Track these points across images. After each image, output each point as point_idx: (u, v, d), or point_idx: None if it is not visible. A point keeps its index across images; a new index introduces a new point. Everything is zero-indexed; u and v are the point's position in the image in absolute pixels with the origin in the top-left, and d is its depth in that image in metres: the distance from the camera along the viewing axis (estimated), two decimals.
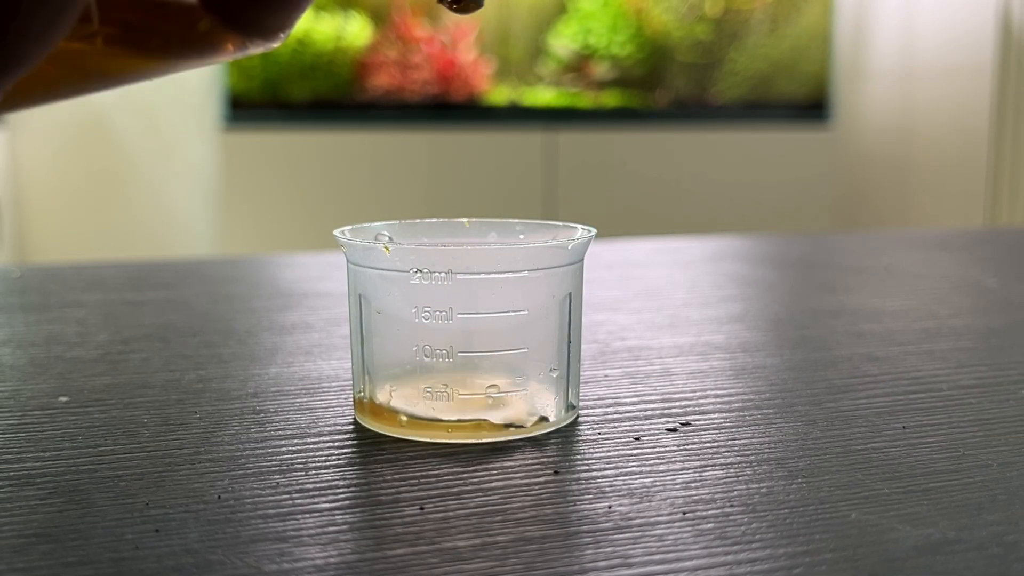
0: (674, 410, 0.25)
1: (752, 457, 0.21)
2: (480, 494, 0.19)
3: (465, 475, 0.20)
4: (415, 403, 0.22)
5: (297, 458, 0.21)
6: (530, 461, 0.21)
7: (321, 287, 0.43)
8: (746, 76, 1.88)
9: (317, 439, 0.23)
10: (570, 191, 1.73)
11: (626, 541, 0.17)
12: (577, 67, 1.79)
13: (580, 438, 0.23)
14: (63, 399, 0.26)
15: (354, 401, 0.24)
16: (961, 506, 0.19)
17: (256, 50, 0.13)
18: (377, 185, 1.61)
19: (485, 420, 0.22)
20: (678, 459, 0.21)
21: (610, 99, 1.82)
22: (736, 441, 0.22)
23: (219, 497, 0.19)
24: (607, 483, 0.20)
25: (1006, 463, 0.21)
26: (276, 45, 0.14)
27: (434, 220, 0.26)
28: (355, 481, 0.20)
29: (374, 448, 0.22)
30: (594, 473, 0.20)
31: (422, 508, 0.18)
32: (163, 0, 0.13)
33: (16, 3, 0.10)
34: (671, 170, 1.80)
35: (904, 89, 1.76)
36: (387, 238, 0.25)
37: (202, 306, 0.39)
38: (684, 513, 0.18)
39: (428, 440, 0.22)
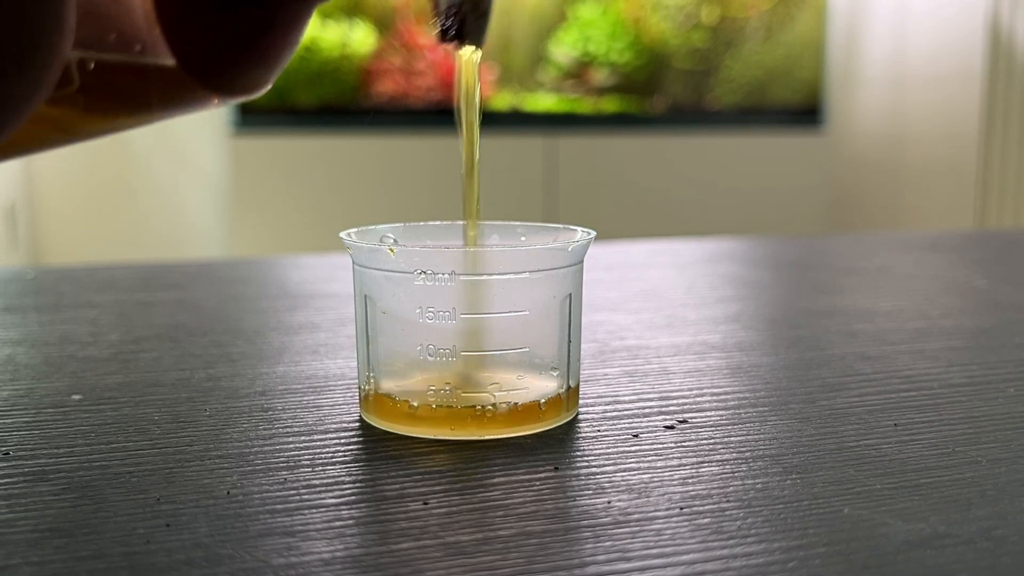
0: (671, 408, 0.25)
1: (748, 454, 0.22)
2: (482, 490, 0.19)
3: (468, 471, 0.20)
4: (419, 401, 0.22)
5: (304, 455, 0.22)
6: (531, 457, 0.21)
7: (327, 288, 0.43)
8: (741, 82, 1.89)
9: (324, 436, 0.23)
10: (570, 194, 1.74)
11: (625, 535, 0.17)
12: (577, 74, 1.80)
13: (580, 435, 0.23)
14: (76, 397, 0.26)
15: (360, 399, 0.25)
16: (951, 501, 0.19)
17: (239, 100, 0.14)
18: (382, 188, 1.62)
19: (487, 417, 0.22)
20: (675, 456, 0.22)
21: (609, 105, 1.83)
22: (732, 438, 0.23)
23: (228, 493, 0.19)
24: (606, 479, 0.20)
25: (995, 459, 0.21)
26: (258, 95, 0.14)
27: (438, 223, 0.26)
28: (360, 477, 0.20)
29: (379, 445, 0.22)
30: (593, 469, 0.21)
31: (426, 503, 0.19)
32: (142, 64, 0.13)
33: None
34: (669, 174, 1.80)
35: (896, 95, 1.77)
36: (392, 240, 0.25)
37: (211, 306, 0.40)
38: (681, 508, 0.19)
39: (432, 437, 0.22)
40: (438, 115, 1.70)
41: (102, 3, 0.13)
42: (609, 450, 0.22)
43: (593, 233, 0.24)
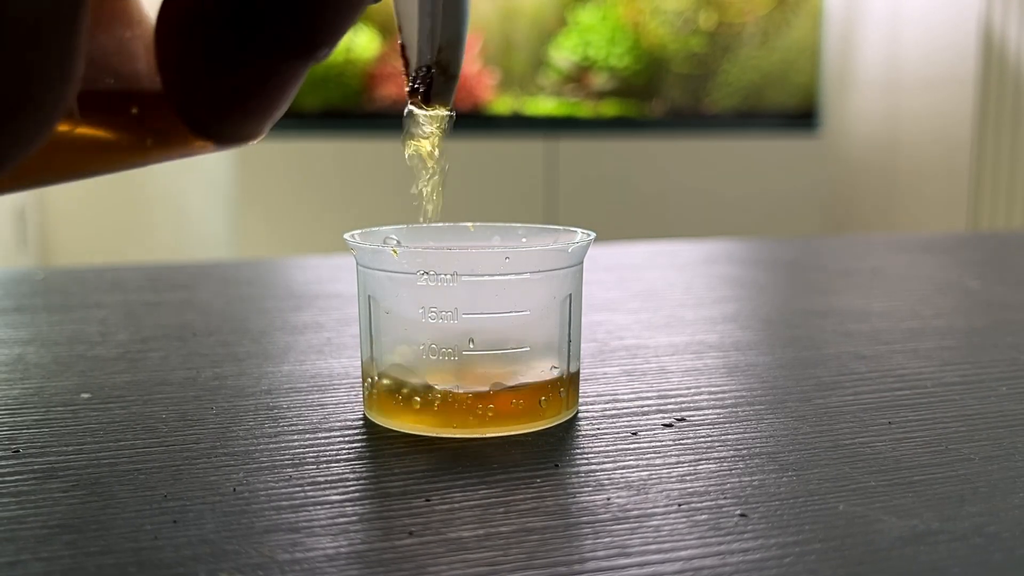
0: (670, 406, 0.26)
1: (744, 451, 0.22)
2: (484, 487, 0.20)
3: (469, 468, 0.21)
4: (421, 399, 0.23)
5: (309, 452, 0.22)
6: (531, 455, 0.21)
7: (332, 288, 0.44)
8: (738, 86, 1.89)
9: (328, 434, 0.23)
10: (570, 196, 1.74)
11: (624, 532, 0.18)
12: (577, 78, 1.81)
13: (580, 433, 0.23)
14: (85, 396, 0.26)
15: (363, 397, 0.25)
16: (944, 498, 0.19)
17: (232, 148, 0.14)
18: (385, 191, 1.62)
19: (488, 416, 0.23)
20: (673, 453, 0.22)
21: (609, 108, 1.84)
22: (729, 436, 0.23)
23: (234, 490, 0.19)
24: (605, 476, 0.20)
25: (988, 457, 0.22)
26: (251, 144, 0.14)
27: (440, 224, 0.26)
28: (364, 474, 0.20)
29: (382, 443, 0.22)
30: (593, 467, 0.21)
31: (428, 500, 0.19)
32: (139, 112, 0.13)
33: (1, 118, 0.10)
34: (667, 176, 1.81)
35: (890, 99, 1.79)
36: (395, 241, 0.25)
37: (218, 306, 0.40)
38: (679, 505, 0.19)
39: (434, 435, 0.23)
40: None
41: (108, 51, 0.13)
42: (608, 448, 0.22)
43: (593, 234, 0.24)
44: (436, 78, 0.17)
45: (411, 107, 0.18)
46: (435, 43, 0.17)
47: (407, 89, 0.18)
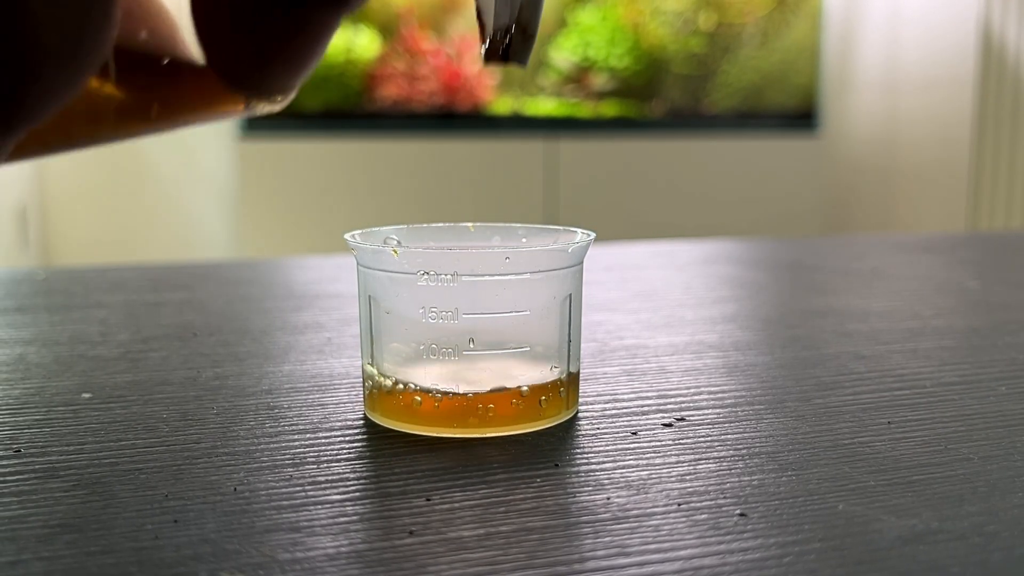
0: (669, 406, 0.26)
1: (744, 451, 0.22)
2: (484, 486, 0.20)
3: (469, 468, 0.21)
4: (422, 399, 0.23)
5: (310, 452, 0.22)
6: (531, 454, 0.22)
7: (332, 288, 0.44)
8: (738, 87, 1.90)
9: (329, 434, 0.23)
10: (570, 197, 1.74)
11: (623, 531, 0.18)
12: (577, 78, 1.81)
13: (580, 433, 0.23)
14: (86, 395, 0.26)
15: (364, 397, 0.25)
16: (944, 498, 0.19)
17: (259, 111, 0.14)
18: (386, 191, 1.63)
19: (489, 415, 0.23)
20: (673, 453, 0.22)
21: (608, 109, 1.84)
22: (729, 436, 0.23)
23: (235, 489, 0.20)
24: (605, 476, 0.20)
25: (986, 457, 0.22)
26: (278, 108, 0.14)
27: (440, 224, 0.27)
28: (365, 474, 0.20)
29: (383, 442, 0.23)
30: (593, 466, 0.21)
31: (428, 499, 0.19)
32: (171, 64, 0.13)
33: (37, 64, 0.10)
34: (667, 177, 1.81)
35: (889, 100, 1.79)
36: (395, 242, 0.25)
37: (219, 307, 0.40)
38: (679, 504, 0.19)
39: (434, 434, 0.23)
40: (441, 119, 1.71)
41: (140, 3, 0.13)
42: (608, 447, 0.22)
43: (593, 235, 0.24)
44: (515, 38, 0.17)
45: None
46: (514, 4, 0.17)
47: (484, 50, 0.18)
